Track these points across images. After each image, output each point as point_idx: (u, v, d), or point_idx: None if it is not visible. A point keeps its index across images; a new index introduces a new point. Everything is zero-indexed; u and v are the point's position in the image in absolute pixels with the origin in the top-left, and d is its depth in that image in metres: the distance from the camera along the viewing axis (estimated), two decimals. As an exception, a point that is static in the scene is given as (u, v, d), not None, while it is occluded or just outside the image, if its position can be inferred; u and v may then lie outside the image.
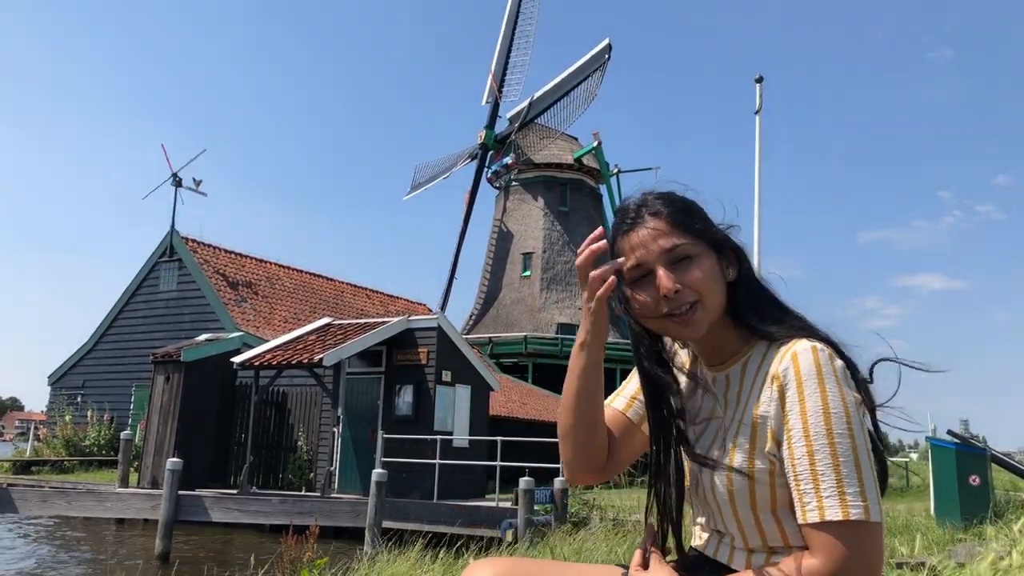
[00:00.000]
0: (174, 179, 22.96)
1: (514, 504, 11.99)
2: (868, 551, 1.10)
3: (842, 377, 1.16)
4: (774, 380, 1.18)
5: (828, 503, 1.10)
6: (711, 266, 1.25)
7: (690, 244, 1.24)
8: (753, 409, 1.21)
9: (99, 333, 23.91)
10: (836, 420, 1.12)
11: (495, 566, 1.31)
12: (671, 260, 1.24)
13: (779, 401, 1.17)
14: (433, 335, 15.96)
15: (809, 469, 1.12)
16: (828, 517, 1.10)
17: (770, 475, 1.18)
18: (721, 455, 1.23)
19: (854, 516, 1.09)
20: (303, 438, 16.39)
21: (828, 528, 1.10)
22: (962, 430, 12.38)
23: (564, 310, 36.06)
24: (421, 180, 40.11)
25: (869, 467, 1.12)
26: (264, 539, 13.62)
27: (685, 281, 1.23)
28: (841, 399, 1.13)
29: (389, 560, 5.17)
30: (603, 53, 35.87)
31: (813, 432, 1.12)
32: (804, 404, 1.14)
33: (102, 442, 21.21)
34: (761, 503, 1.19)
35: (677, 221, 1.25)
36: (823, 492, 1.10)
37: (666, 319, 1.25)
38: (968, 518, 7.89)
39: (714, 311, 1.25)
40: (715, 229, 1.29)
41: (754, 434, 1.20)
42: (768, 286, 1.32)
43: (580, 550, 5.60)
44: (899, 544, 5.42)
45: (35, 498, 12.57)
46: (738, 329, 1.29)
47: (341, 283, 27.27)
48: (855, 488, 1.10)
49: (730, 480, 1.21)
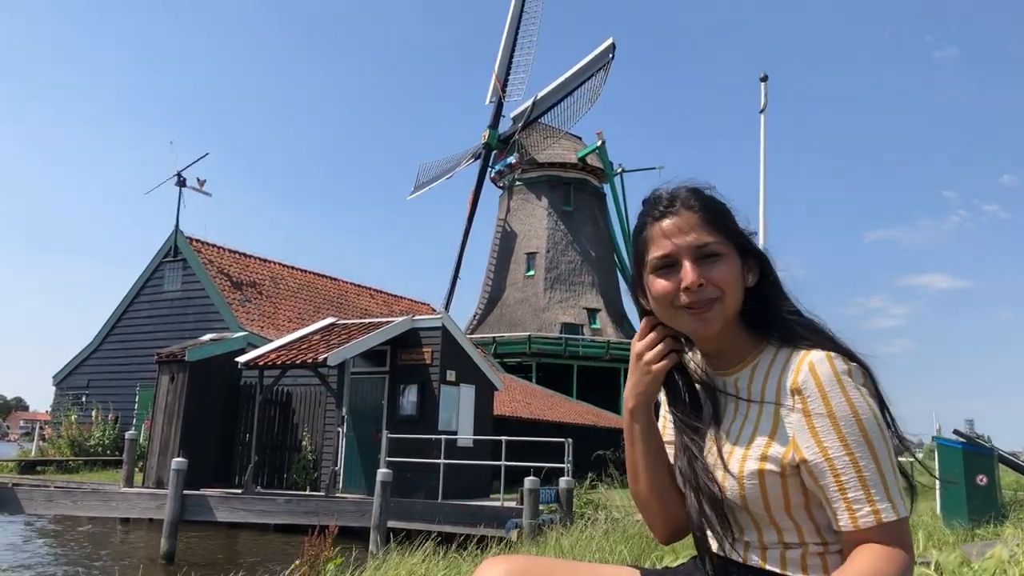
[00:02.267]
0: (178, 179, 23.00)
1: (519, 504, 11.97)
2: (911, 541, 1.18)
3: (860, 381, 1.19)
4: (793, 392, 1.20)
5: (882, 507, 1.15)
6: (735, 267, 1.27)
7: (719, 243, 1.26)
8: (767, 415, 1.23)
9: (104, 333, 23.96)
10: (867, 425, 1.16)
11: (509, 563, 1.30)
12: (699, 255, 1.25)
13: (801, 411, 1.19)
14: (437, 335, 15.96)
15: (855, 476, 1.15)
16: (885, 519, 1.14)
17: (782, 478, 1.20)
18: (733, 459, 1.25)
19: (904, 514, 1.16)
20: (307, 438, 16.40)
21: (885, 529, 1.15)
22: (968, 430, 12.42)
23: (568, 310, 36.07)
24: (425, 180, 40.18)
25: (896, 465, 1.18)
26: (269, 539, 13.64)
27: (710, 277, 1.24)
28: (868, 404, 1.17)
29: (400, 560, 5.16)
30: (607, 52, 35.88)
31: (850, 439, 1.16)
32: (834, 413, 1.16)
33: (107, 442, 21.25)
34: (775, 504, 1.21)
35: (709, 219, 1.27)
36: (874, 496, 1.15)
37: (682, 311, 1.26)
38: (975, 518, 7.86)
39: (731, 311, 1.27)
40: (741, 232, 1.31)
41: (767, 439, 1.21)
42: (792, 298, 1.32)
43: (587, 549, 5.59)
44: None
45: (40, 498, 12.59)
46: (748, 334, 1.31)
47: (345, 283, 27.29)
48: (896, 489, 1.16)
49: (741, 484, 1.22)
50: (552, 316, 35.72)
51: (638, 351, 1.33)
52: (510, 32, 37.30)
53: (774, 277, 1.32)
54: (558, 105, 36.83)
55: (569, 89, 36.56)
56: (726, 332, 1.29)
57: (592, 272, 37.12)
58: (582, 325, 35.67)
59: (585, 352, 33.92)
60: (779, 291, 1.32)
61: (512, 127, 37.77)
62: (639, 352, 1.33)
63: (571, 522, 10.46)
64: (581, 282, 36.85)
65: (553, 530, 8.77)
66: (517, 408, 23.11)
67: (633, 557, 4.88)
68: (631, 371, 1.36)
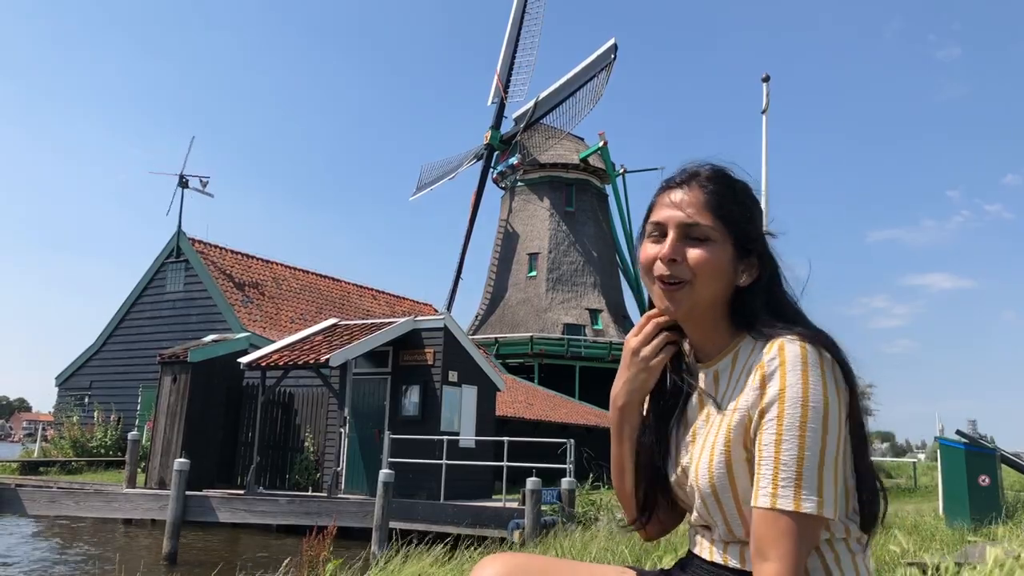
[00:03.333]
0: (180, 179, 23.03)
1: (521, 504, 11.97)
2: (808, 545, 1.10)
3: (829, 372, 1.13)
4: (758, 370, 1.16)
5: (783, 492, 1.09)
6: (720, 258, 1.23)
7: (712, 229, 1.23)
8: (736, 401, 1.20)
9: (106, 334, 23.99)
10: (812, 414, 1.10)
11: (505, 562, 1.29)
12: (686, 233, 1.23)
13: (759, 390, 1.15)
14: (439, 335, 15.97)
15: (773, 456, 1.11)
16: (779, 506, 1.09)
17: (750, 466, 1.16)
18: (704, 448, 1.23)
19: (806, 509, 1.08)
20: (310, 439, 16.40)
21: (776, 518, 1.09)
22: (971, 430, 12.38)
23: (570, 310, 36.05)
24: (427, 181, 40.17)
25: (833, 468, 1.10)
26: (271, 539, 13.64)
27: (686, 256, 1.22)
28: (823, 393, 1.11)
29: (404, 561, 5.17)
30: (609, 53, 35.86)
31: (787, 421, 1.10)
32: (784, 393, 1.12)
33: (109, 443, 21.28)
34: (743, 495, 1.17)
35: (713, 202, 1.24)
36: (780, 481, 1.09)
37: (656, 282, 1.25)
38: (978, 518, 7.85)
39: (702, 301, 1.23)
40: (750, 228, 1.26)
41: (736, 426, 1.18)
42: (795, 305, 1.27)
43: (588, 550, 5.59)
44: (908, 544, 5.39)
45: (43, 498, 12.61)
46: (731, 326, 1.28)
47: (347, 284, 27.31)
48: (813, 483, 1.08)
49: (711, 473, 1.20)
50: (554, 317, 35.71)
51: (633, 347, 1.31)
52: (512, 33, 37.29)
53: (770, 281, 1.27)
54: (560, 106, 36.80)
55: (571, 90, 36.53)
56: (705, 323, 1.27)
57: (594, 273, 37.10)
58: (584, 326, 35.65)
59: (587, 353, 33.89)
60: (774, 296, 1.26)
61: (514, 128, 37.76)
62: (635, 348, 1.31)
63: (573, 523, 10.46)
64: (583, 283, 36.83)
65: (555, 531, 8.78)
66: (519, 409, 23.11)
67: (634, 558, 4.88)
68: (623, 367, 1.33)
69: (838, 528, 1.18)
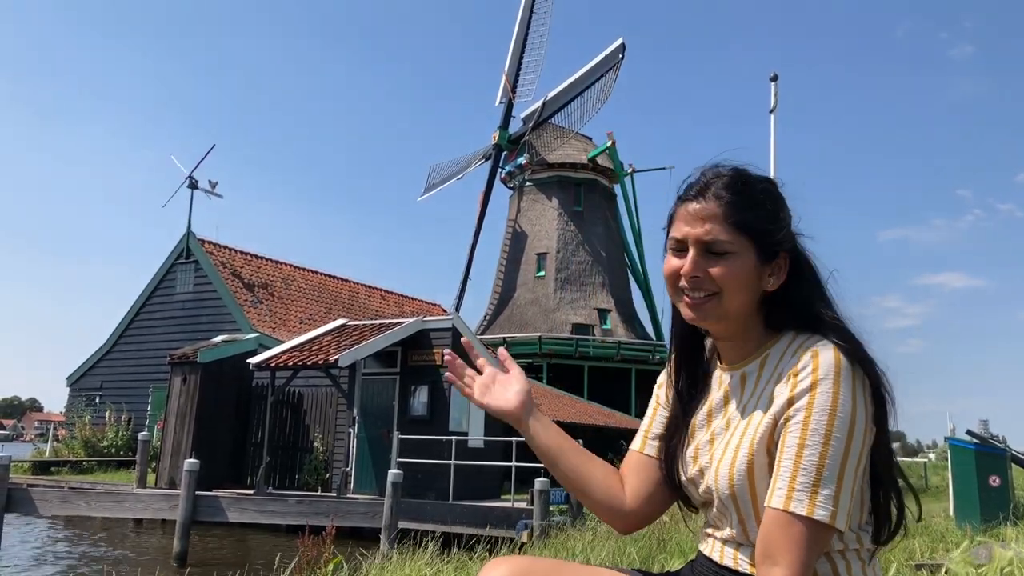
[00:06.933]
0: (190, 181, 23.13)
1: (529, 504, 11.98)
2: (817, 552, 1.11)
3: (859, 384, 1.14)
4: (791, 376, 1.16)
5: (798, 495, 1.10)
6: (743, 269, 1.22)
7: (731, 242, 1.21)
8: (764, 406, 1.20)
9: (117, 334, 24.12)
10: (839, 424, 1.11)
11: (511, 565, 1.30)
12: (706, 249, 1.23)
13: (789, 395, 1.15)
14: (448, 335, 15.98)
15: (794, 460, 1.12)
16: (793, 509, 1.10)
17: (772, 471, 1.17)
18: (727, 450, 1.23)
19: (819, 516, 1.09)
20: (319, 439, 16.45)
21: (790, 521, 1.10)
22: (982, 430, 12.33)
23: (579, 310, 36.02)
24: (435, 181, 40.21)
25: (852, 480, 1.11)
26: (281, 540, 13.68)
27: (709, 273, 1.22)
28: (851, 404, 1.11)
29: (401, 561, 5.17)
30: (617, 52, 35.81)
31: (812, 428, 1.11)
32: (813, 400, 1.12)
33: (120, 443, 21.38)
34: (762, 499, 1.17)
35: (730, 213, 1.22)
36: (797, 485, 1.10)
37: (681, 294, 1.26)
38: (988, 519, 7.80)
39: (733, 311, 1.23)
40: (773, 230, 1.24)
41: (762, 431, 1.18)
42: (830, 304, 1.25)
43: (596, 551, 5.59)
44: (917, 545, 5.37)
45: (55, 498, 12.67)
46: (762, 330, 1.27)
47: (356, 284, 27.37)
48: (830, 492, 1.09)
49: (732, 476, 1.20)
50: (563, 317, 35.68)
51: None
52: (520, 33, 37.27)
53: (803, 281, 1.26)
54: (568, 106, 36.76)
55: (579, 90, 36.49)
56: (734, 328, 1.27)
57: (603, 273, 37.06)
58: (593, 326, 35.61)
59: (596, 353, 33.86)
60: (807, 297, 1.25)
61: (522, 128, 37.74)
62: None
63: (582, 523, 10.45)
64: (592, 283, 36.79)
65: (563, 531, 8.77)
66: (528, 409, 23.05)
67: (642, 559, 4.88)
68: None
69: (851, 539, 1.18)
